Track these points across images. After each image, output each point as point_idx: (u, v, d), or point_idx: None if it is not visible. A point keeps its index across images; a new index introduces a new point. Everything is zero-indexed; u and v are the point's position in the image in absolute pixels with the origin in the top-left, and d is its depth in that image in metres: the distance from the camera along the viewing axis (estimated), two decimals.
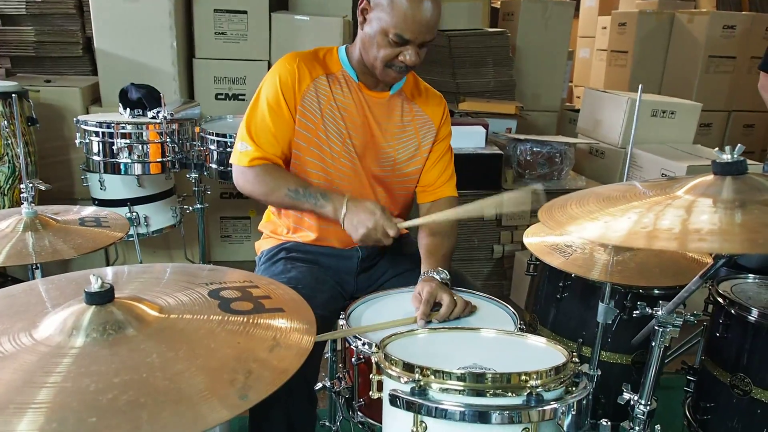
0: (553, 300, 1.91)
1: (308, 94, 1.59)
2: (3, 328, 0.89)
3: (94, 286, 0.90)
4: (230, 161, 1.68)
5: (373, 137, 1.66)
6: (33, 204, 1.52)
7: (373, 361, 1.08)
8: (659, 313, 1.21)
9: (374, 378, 1.09)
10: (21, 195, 1.53)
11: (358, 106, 1.64)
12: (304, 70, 1.59)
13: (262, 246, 1.80)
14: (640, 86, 1.40)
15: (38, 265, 1.47)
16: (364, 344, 1.31)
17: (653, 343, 1.25)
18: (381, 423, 1.16)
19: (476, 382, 0.95)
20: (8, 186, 2.46)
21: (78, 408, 0.72)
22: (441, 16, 1.52)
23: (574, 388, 1.01)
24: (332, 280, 1.67)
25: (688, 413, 1.77)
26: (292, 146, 1.63)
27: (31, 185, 1.52)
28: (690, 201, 0.93)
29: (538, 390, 0.94)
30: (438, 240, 1.65)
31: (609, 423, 1.03)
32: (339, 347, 1.71)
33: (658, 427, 1.34)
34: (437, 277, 1.51)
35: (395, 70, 1.54)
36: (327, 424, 2.08)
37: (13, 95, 1.59)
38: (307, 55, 1.63)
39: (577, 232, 0.92)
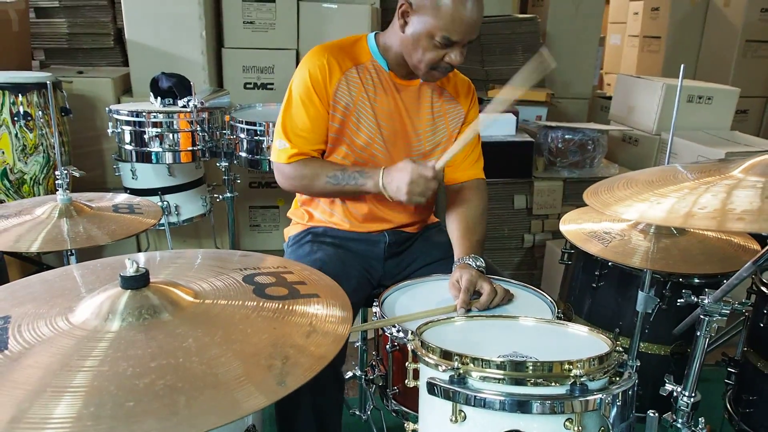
0: (588, 289, 1.87)
1: (340, 88, 1.58)
2: (40, 312, 0.89)
3: (130, 270, 0.90)
4: (270, 159, 1.70)
5: (404, 126, 1.65)
6: (68, 191, 1.52)
7: (409, 349, 1.06)
8: (705, 301, 1.16)
9: (410, 366, 1.07)
10: (56, 182, 1.54)
11: (389, 95, 1.62)
12: (334, 64, 1.57)
13: (291, 231, 1.81)
14: (682, 66, 1.35)
15: (73, 251, 1.48)
16: (399, 331, 1.30)
17: (698, 333, 1.21)
18: (416, 411, 1.14)
19: (517, 370, 0.92)
20: (43, 175, 2.49)
21: (116, 392, 0.71)
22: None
23: (618, 378, 0.97)
24: (359, 265, 1.66)
25: (729, 406, 1.72)
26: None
27: (65, 172, 1.52)
28: (750, 181, 0.88)
29: (581, 379, 0.91)
30: (471, 225, 1.63)
31: (656, 414, 0.99)
32: (371, 335, 1.69)
33: (702, 419, 1.29)
34: (474, 264, 1.48)
35: (440, 71, 1.52)
36: (357, 413, 2.08)
37: (48, 83, 1.60)
38: (334, 48, 1.61)
39: (625, 213, 0.88)
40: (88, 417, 0.67)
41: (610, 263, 1.78)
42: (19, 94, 2.39)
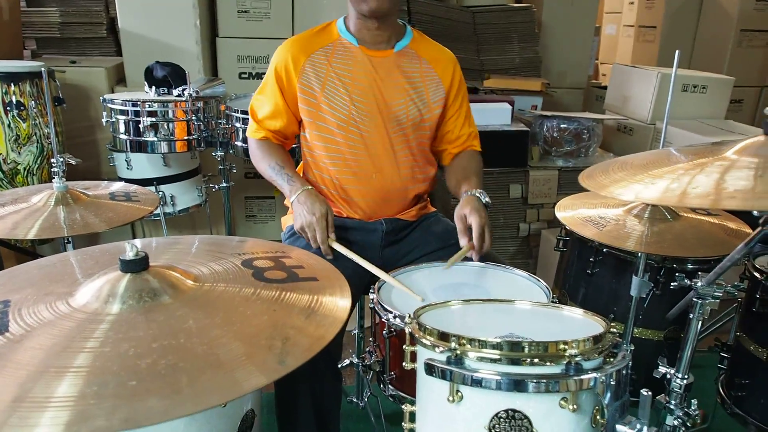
0: (583, 276, 1.89)
1: (305, 72, 1.65)
2: (40, 296, 0.90)
3: (129, 254, 0.91)
4: None
5: (383, 97, 1.67)
6: (64, 179, 1.52)
7: (406, 331, 1.07)
8: (698, 284, 1.18)
9: (408, 349, 1.08)
10: (52, 170, 1.53)
11: (362, 69, 1.66)
12: (298, 53, 1.66)
13: (288, 221, 1.81)
14: (676, 52, 1.36)
15: (69, 239, 1.48)
16: (395, 317, 1.30)
17: (691, 316, 1.22)
18: (412, 396, 1.15)
19: (513, 350, 0.93)
20: (37, 165, 2.48)
21: (118, 371, 0.72)
22: None
23: (612, 359, 0.98)
24: (357, 253, 1.66)
25: (721, 390, 1.74)
26: (300, 124, 1.74)
27: (62, 160, 1.52)
28: (743, 161, 0.90)
29: (576, 359, 0.92)
30: (476, 171, 1.75)
31: (649, 393, 1.00)
32: (367, 323, 1.70)
33: (694, 401, 1.31)
34: (483, 199, 1.59)
35: None
36: (354, 400, 2.09)
37: (43, 70, 1.59)
38: (301, 37, 1.70)
39: (622, 195, 0.89)
40: (91, 396, 0.67)
41: (605, 249, 1.79)
42: (12, 84, 2.38)
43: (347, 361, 1.86)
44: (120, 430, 0.63)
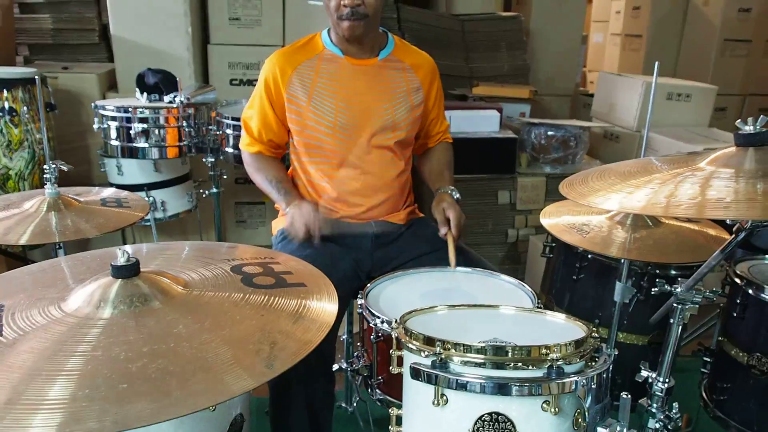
0: (569, 281, 1.91)
1: (292, 83, 1.70)
2: (32, 301, 0.91)
3: (120, 260, 0.92)
4: None
5: (368, 104, 1.72)
6: (56, 185, 1.54)
7: (393, 336, 1.09)
8: (678, 290, 1.21)
9: (394, 353, 1.10)
10: (44, 176, 1.55)
11: (348, 78, 1.71)
12: (285, 65, 1.71)
13: (279, 225, 1.83)
14: (656, 63, 1.39)
15: (61, 244, 1.49)
16: (383, 322, 1.32)
17: (672, 321, 1.25)
18: (399, 400, 1.17)
19: (497, 354, 0.96)
20: (28, 171, 2.49)
21: (109, 375, 0.74)
22: None
23: (593, 363, 1.01)
24: (348, 258, 1.69)
25: (704, 394, 1.77)
26: (288, 133, 1.79)
27: (54, 166, 1.53)
28: (713, 172, 0.93)
29: (558, 363, 0.94)
30: (447, 165, 1.91)
31: (629, 396, 1.03)
32: (355, 329, 1.72)
33: (676, 404, 1.34)
34: (454, 195, 1.76)
35: (346, 17, 1.61)
36: (343, 405, 2.11)
37: (37, 77, 1.61)
38: (287, 50, 1.76)
39: (602, 203, 0.92)
40: (83, 398, 0.69)
41: (590, 255, 1.82)
42: (5, 90, 2.39)
43: (336, 366, 1.88)
44: None
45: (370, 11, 1.61)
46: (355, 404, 2.08)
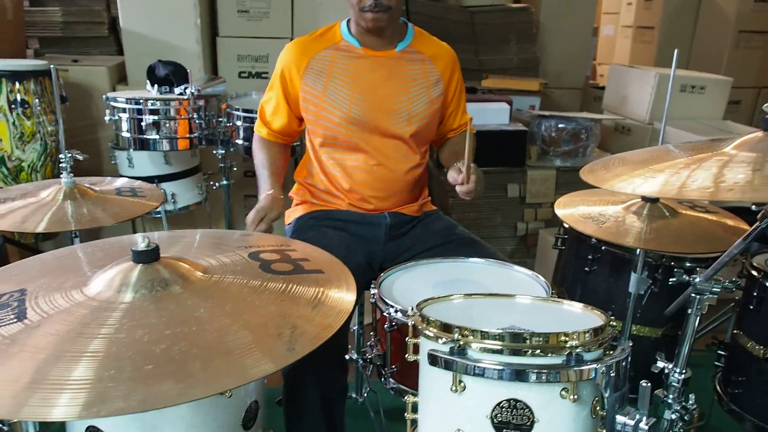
0: (581, 273, 1.91)
1: (308, 73, 1.70)
2: (55, 285, 0.92)
3: (141, 245, 0.93)
4: None
5: (385, 95, 1.71)
6: (71, 174, 1.55)
7: (409, 324, 1.09)
8: (697, 279, 1.20)
9: (410, 341, 1.10)
10: (60, 165, 1.56)
11: (365, 69, 1.70)
12: (301, 53, 1.72)
13: (292, 214, 1.84)
14: (675, 51, 1.38)
15: (77, 233, 1.50)
16: (396, 311, 1.32)
17: (690, 311, 1.25)
18: (413, 388, 1.17)
19: (515, 341, 0.95)
20: (41, 163, 2.50)
21: (134, 356, 0.74)
22: None
23: (612, 351, 1.01)
24: (362, 249, 1.69)
25: (718, 388, 1.76)
26: (302, 122, 1.80)
27: (69, 155, 1.54)
28: (741, 156, 0.92)
29: (577, 350, 0.94)
30: (461, 141, 1.77)
31: (649, 384, 1.03)
32: (367, 320, 1.72)
33: (692, 396, 1.33)
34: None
35: (369, 9, 1.60)
36: (354, 396, 2.11)
37: (52, 68, 1.62)
38: (305, 39, 1.76)
39: (626, 187, 0.91)
40: (108, 379, 0.70)
41: (603, 247, 1.81)
42: (17, 82, 2.40)
43: (347, 357, 1.88)
44: (136, 411, 0.65)
45: (392, 3, 1.60)
46: (365, 395, 2.08)
